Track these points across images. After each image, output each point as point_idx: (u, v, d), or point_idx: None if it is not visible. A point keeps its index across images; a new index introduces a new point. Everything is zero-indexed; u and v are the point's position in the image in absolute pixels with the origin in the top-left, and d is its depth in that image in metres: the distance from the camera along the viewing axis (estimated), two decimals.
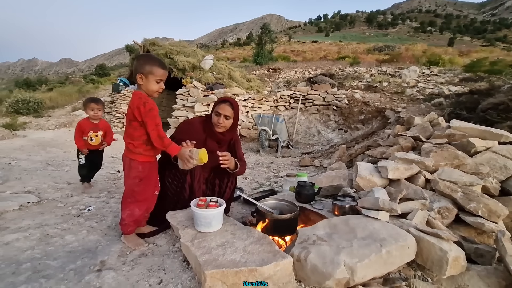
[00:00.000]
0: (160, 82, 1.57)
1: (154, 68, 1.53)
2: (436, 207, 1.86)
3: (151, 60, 1.55)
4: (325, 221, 1.66)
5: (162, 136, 1.54)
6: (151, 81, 1.53)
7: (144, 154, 1.63)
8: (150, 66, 1.52)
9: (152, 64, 1.53)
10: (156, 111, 1.55)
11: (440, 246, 1.40)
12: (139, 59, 1.57)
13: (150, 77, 1.53)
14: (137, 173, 1.63)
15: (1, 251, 1.61)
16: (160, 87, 1.58)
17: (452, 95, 5.89)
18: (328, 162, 4.23)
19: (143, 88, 1.56)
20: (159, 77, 1.55)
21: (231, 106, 1.97)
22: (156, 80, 1.55)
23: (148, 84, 1.54)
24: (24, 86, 22.11)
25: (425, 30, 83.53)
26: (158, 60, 1.58)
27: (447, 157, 2.37)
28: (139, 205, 1.69)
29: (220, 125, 1.96)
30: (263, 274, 1.21)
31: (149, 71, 1.52)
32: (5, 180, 2.91)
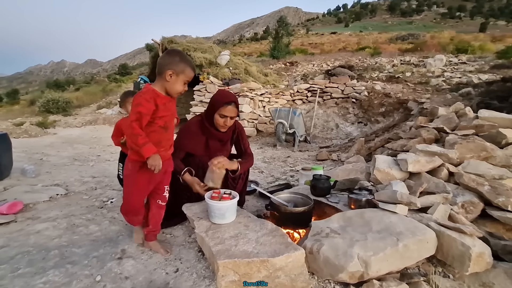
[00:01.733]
0: (186, 84, 1.47)
1: (188, 69, 1.42)
2: (460, 201, 1.77)
3: (186, 60, 1.43)
4: (340, 214, 1.63)
5: (136, 133, 1.32)
6: (180, 81, 1.42)
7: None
8: (185, 65, 1.41)
9: (187, 64, 1.42)
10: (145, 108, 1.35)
11: (462, 241, 1.33)
12: (174, 55, 1.41)
13: (181, 77, 1.41)
14: (126, 171, 1.53)
15: (33, 239, 1.75)
16: (184, 88, 1.48)
17: (481, 83, 5.51)
18: (346, 156, 4.13)
19: (167, 85, 1.42)
20: (188, 79, 1.45)
21: (235, 106, 1.87)
22: (184, 81, 1.44)
23: (176, 84, 1.42)
24: (54, 87, 23.45)
25: (453, 16, 78.33)
26: (191, 61, 1.47)
27: (473, 149, 2.23)
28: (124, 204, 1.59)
29: (226, 127, 1.90)
30: (274, 265, 1.22)
31: (182, 70, 1.40)
32: (37, 174, 3.12)
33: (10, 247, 1.64)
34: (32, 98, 14.46)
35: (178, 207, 1.88)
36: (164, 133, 1.48)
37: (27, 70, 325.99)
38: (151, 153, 1.34)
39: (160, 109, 1.40)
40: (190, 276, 1.42)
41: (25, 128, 6.80)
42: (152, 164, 1.34)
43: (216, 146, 2.00)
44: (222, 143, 2.02)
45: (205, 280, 1.38)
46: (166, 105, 1.44)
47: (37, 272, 1.42)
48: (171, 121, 1.52)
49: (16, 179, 2.89)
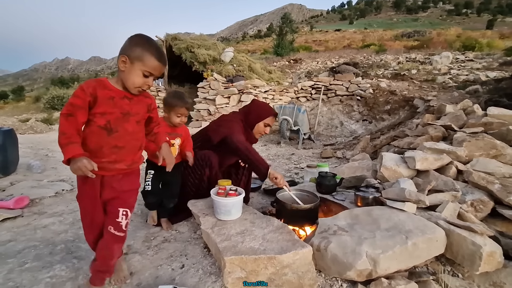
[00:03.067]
0: (148, 77, 1.10)
1: (147, 56, 1.06)
2: (469, 200, 1.74)
3: (146, 44, 1.08)
4: (347, 211, 1.61)
5: (61, 131, 1.01)
6: (136, 71, 1.07)
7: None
8: (142, 50, 1.05)
9: (146, 49, 1.06)
10: (78, 99, 1.03)
11: (473, 240, 1.31)
12: (132, 39, 1.09)
13: (138, 65, 1.06)
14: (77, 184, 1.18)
15: (40, 233, 1.75)
16: (146, 83, 1.10)
17: (490, 81, 5.42)
18: (351, 153, 4.10)
19: (121, 76, 1.10)
20: (148, 69, 1.07)
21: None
22: (143, 72, 1.07)
23: (131, 74, 1.07)
24: (59, 84, 23.59)
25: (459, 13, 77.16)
26: (156, 47, 1.11)
27: (482, 146, 2.20)
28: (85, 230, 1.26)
29: (264, 135, 2.15)
30: (282, 262, 1.21)
31: (138, 57, 1.05)
32: (43, 170, 3.14)
33: (18, 241, 1.65)
34: (37, 95, 14.59)
35: (183, 203, 1.88)
36: (106, 136, 1.09)
37: (32, 67, 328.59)
38: (70, 155, 0.97)
39: (100, 103, 1.06)
40: (196, 272, 1.42)
41: (30, 124, 6.85)
42: (74, 169, 0.99)
43: None
44: None
45: (211, 276, 1.37)
46: (115, 100, 1.09)
47: (44, 266, 1.43)
48: (124, 123, 1.12)
49: (22, 175, 2.91)
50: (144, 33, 1.13)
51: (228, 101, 7.30)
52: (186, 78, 10.31)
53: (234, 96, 7.26)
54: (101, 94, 1.06)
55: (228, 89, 7.31)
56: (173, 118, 1.73)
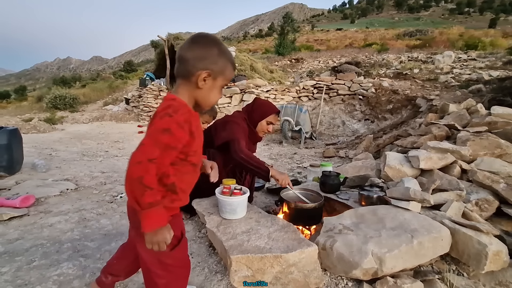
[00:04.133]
0: (222, 89, 0.94)
1: (229, 68, 0.89)
2: (474, 199, 1.74)
3: (227, 53, 0.89)
4: (352, 210, 1.62)
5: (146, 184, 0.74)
6: (217, 88, 0.90)
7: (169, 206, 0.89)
8: (225, 62, 0.87)
9: (228, 59, 0.88)
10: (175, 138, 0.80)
11: (479, 239, 1.31)
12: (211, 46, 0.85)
13: (219, 80, 0.88)
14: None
15: (47, 232, 1.77)
16: (220, 96, 0.95)
17: (493, 80, 5.40)
18: (353, 153, 4.10)
19: (199, 95, 0.88)
20: (227, 82, 0.93)
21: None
22: (224, 84, 0.92)
23: (213, 92, 0.89)
24: (61, 83, 23.66)
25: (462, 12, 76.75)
26: (230, 54, 0.92)
27: (487, 146, 2.19)
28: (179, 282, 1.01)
29: (268, 133, 2.11)
30: (288, 261, 1.21)
31: (220, 70, 0.87)
32: (48, 169, 3.16)
33: (25, 239, 1.66)
34: (40, 95, 14.63)
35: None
36: (197, 173, 0.99)
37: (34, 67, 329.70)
38: (158, 226, 0.77)
39: (196, 138, 0.88)
40: (201, 270, 1.43)
41: (33, 124, 6.89)
42: (153, 242, 0.79)
43: (252, 149, 2.14)
44: (254, 147, 2.21)
45: (217, 275, 1.38)
46: (199, 128, 0.92)
47: (52, 265, 1.44)
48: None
49: (27, 174, 2.93)
50: (205, 33, 0.90)
51: (230, 101, 7.30)
52: None
53: (236, 95, 7.27)
54: (195, 127, 0.86)
55: (230, 89, 7.31)
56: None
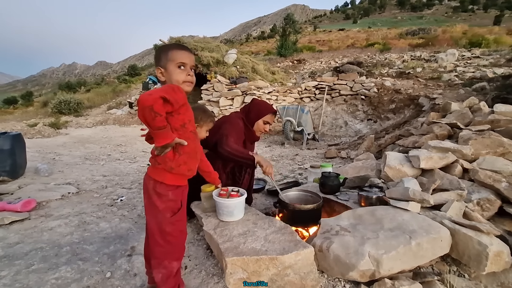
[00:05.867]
0: (184, 67, 1.11)
1: (171, 53, 1.10)
2: (475, 199, 1.71)
3: (166, 47, 1.13)
4: (350, 211, 1.60)
5: (157, 110, 0.94)
6: (173, 70, 1.10)
7: (175, 172, 1.12)
8: (166, 52, 1.10)
9: (168, 49, 1.12)
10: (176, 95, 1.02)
11: (479, 239, 1.29)
12: (155, 53, 1.17)
13: (170, 65, 1.10)
14: (168, 203, 1.13)
15: (47, 235, 1.78)
16: (187, 73, 1.11)
17: (497, 78, 5.32)
18: (355, 153, 4.07)
19: (168, 83, 1.11)
20: (179, 61, 1.10)
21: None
22: (177, 65, 1.10)
23: (172, 75, 1.09)
24: (66, 88, 23.94)
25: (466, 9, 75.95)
26: (175, 44, 1.17)
27: (489, 144, 2.16)
28: (175, 254, 1.19)
29: (265, 132, 2.14)
30: (283, 263, 1.20)
31: (167, 60, 1.10)
32: (50, 173, 3.19)
33: (25, 243, 1.68)
34: (45, 100, 14.83)
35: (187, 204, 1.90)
36: (197, 142, 1.24)
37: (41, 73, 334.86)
38: (166, 142, 1.01)
39: (189, 109, 1.16)
40: (199, 273, 1.42)
41: (38, 129, 6.98)
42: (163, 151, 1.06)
43: (250, 148, 2.15)
44: (252, 146, 2.21)
45: (214, 277, 1.38)
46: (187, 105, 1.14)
47: (50, 268, 1.45)
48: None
49: (30, 178, 2.97)
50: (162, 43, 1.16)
51: (231, 103, 7.32)
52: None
53: (238, 97, 7.28)
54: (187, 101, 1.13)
55: (232, 91, 7.33)
56: (202, 133, 1.68)
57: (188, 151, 1.14)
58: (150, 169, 1.15)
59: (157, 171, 1.12)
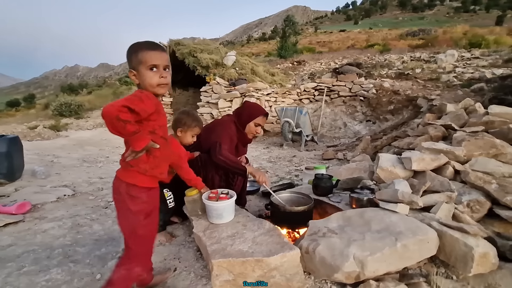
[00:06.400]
0: (156, 69, 1.05)
1: (141, 54, 1.03)
2: (465, 200, 1.71)
3: (135, 48, 1.05)
4: (339, 213, 1.61)
5: (125, 119, 0.92)
6: (144, 72, 1.04)
7: (148, 174, 1.11)
8: (136, 54, 1.04)
9: (137, 50, 1.04)
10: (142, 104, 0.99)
11: (465, 241, 1.29)
12: (126, 54, 1.08)
13: (141, 68, 1.04)
14: (141, 205, 1.11)
15: (40, 238, 1.80)
16: (160, 75, 1.05)
17: (494, 78, 5.31)
18: (352, 154, 4.07)
19: (142, 87, 1.07)
20: (150, 63, 1.03)
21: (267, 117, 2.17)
22: (148, 67, 1.04)
23: (144, 79, 1.04)
24: (68, 90, 24.13)
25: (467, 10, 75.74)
26: (146, 42, 1.08)
27: (482, 146, 2.16)
28: (141, 258, 1.18)
29: (257, 134, 2.15)
30: (269, 265, 1.21)
31: (137, 62, 1.04)
32: (47, 175, 3.22)
33: (18, 245, 1.70)
34: (47, 102, 14.95)
35: (179, 207, 1.91)
36: (169, 148, 1.21)
37: (43, 75, 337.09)
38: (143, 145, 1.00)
39: (161, 115, 1.12)
40: (188, 275, 1.43)
41: (38, 131, 7.03)
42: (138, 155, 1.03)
43: (243, 151, 2.17)
44: (245, 148, 2.22)
45: (202, 279, 1.39)
46: (161, 112, 1.13)
47: (41, 270, 1.47)
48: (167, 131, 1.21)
49: (27, 181, 2.99)
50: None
51: (230, 105, 7.34)
52: (190, 83, 10.42)
53: (237, 99, 7.30)
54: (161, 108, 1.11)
55: (230, 93, 7.36)
56: (188, 138, 1.70)
57: (159, 155, 1.12)
58: (121, 172, 1.12)
59: (129, 173, 1.09)
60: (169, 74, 1.10)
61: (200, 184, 1.65)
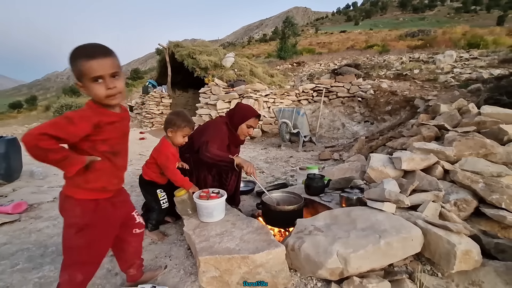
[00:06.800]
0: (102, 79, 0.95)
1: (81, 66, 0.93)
2: (453, 199, 1.73)
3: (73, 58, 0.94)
4: (327, 212, 1.63)
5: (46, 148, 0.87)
6: (89, 85, 0.95)
7: (84, 187, 1.02)
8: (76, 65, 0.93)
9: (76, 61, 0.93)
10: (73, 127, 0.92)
11: (448, 238, 1.31)
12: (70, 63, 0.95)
13: (84, 80, 0.95)
14: (73, 219, 1.04)
15: (34, 236, 1.84)
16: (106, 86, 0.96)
17: (490, 79, 5.33)
18: (347, 155, 4.09)
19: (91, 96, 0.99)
20: (92, 75, 0.93)
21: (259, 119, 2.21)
22: (92, 79, 0.94)
23: (91, 91, 0.96)
24: (70, 92, 24.24)
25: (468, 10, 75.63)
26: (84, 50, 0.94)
27: (472, 146, 2.18)
28: (82, 268, 1.10)
29: (248, 136, 2.19)
30: (255, 262, 1.24)
31: (79, 74, 0.94)
32: (45, 176, 3.26)
33: (12, 244, 1.73)
34: (48, 104, 15.05)
35: (171, 207, 1.94)
36: (116, 160, 1.08)
37: (45, 77, 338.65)
38: (76, 169, 0.94)
39: (105, 130, 1.00)
40: (177, 272, 1.46)
41: None
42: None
43: (235, 151, 2.19)
44: (237, 149, 2.25)
45: (191, 276, 1.41)
46: (115, 125, 1.04)
47: (35, 267, 1.50)
48: (123, 143, 1.12)
49: (25, 181, 3.03)
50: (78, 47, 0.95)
51: (229, 106, 7.37)
52: (189, 84, 10.48)
53: (235, 100, 7.33)
54: (106, 121, 1.00)
55: (229, 94, 7.40)
56: (179, 138, 1.72)
57: (102, 168, 1.03)
58: (65, 184, 1.06)
59: (66, 185, 1.04)
60: (119, 80, 0.98)
61: (187, 184, 1.69)
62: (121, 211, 1.18)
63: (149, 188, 1.85)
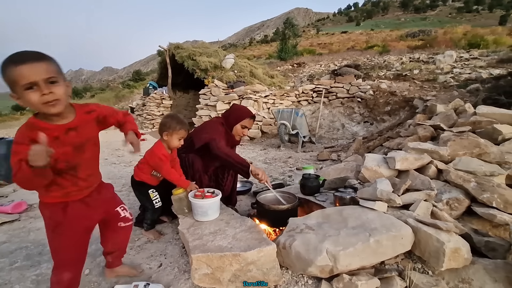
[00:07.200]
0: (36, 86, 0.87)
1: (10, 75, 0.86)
2: (445, 198, 1.75)
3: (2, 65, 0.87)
4: (319, 211, 1.65)
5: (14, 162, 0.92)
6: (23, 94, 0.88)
7: (48, 195, 1.06)
8: (4, 75, 0.87)
9: (3, 70, 0.87)
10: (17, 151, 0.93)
11: (438, 237, 1.33)
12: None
13: (18, 90, 0.88)
14: (46, 220, 1.11)
15: (33, 235, 1.87)
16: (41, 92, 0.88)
17: (489, 79, 5.33)
18: (345, 155, 4.11)
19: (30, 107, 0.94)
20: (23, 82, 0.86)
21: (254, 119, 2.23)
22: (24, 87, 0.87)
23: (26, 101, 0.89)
24: (72, 94, 24.45)
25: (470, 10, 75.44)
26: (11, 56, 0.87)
27: (466, 145, 2.20)
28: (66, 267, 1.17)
29: (243, 136, 2.21)
30: (246, 259, 1.26)
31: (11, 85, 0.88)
32: None
33: (11, 242, 1.77)
34: None
35: (168, 206, 1.97)
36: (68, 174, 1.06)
37: None
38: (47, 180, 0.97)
39: (59, 146, 0.96)
40: (172, 270, 1.49)
41: None
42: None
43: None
44: (233, 149, 2.25)
45: (185, 274, 1.44)
46: (61, 138, 0.98)
47: (32, 265, 1.53)
48: (79, 155, 1.06)
49: None
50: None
51: (229, 107, 7.42)
52: (190, 85, 10.54)
53: (235, 101, 7.37)
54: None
55: (228, 95, 7.43)
56: (174, 141, 1.73)
57: (62, 183, 1.05)
58: None
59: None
60: (57, 87, 0.90)
61: (184, 183, 1.72)
62: (98, 210, 1.21)
63: (141, 188, 1.89)
